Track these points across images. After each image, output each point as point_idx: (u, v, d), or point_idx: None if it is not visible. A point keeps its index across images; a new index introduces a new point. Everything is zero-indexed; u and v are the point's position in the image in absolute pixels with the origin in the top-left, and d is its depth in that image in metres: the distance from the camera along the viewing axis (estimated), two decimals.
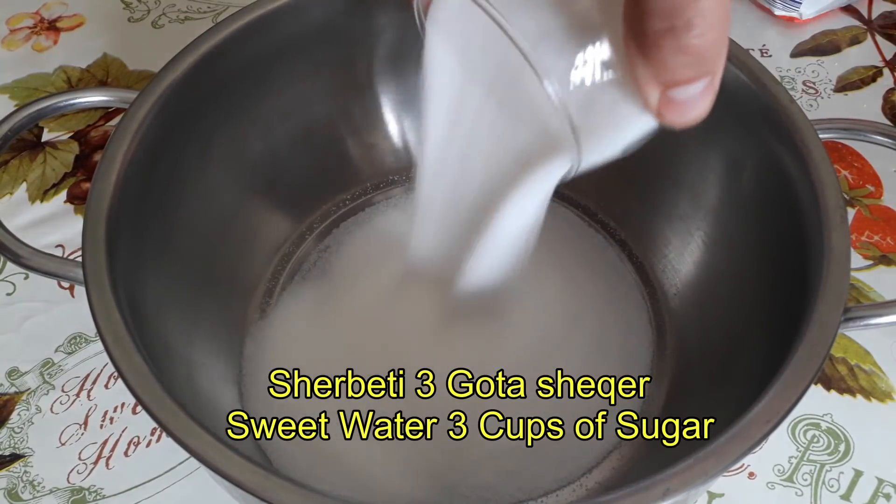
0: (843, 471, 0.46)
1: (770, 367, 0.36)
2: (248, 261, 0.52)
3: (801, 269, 0.39)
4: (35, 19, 0.70)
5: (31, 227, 0.57)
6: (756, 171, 0.45)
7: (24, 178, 0.60)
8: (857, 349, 0.51)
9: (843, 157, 0.58)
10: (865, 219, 0.56)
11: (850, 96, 0.63)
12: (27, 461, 0.48)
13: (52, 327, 0.53)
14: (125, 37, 0.68)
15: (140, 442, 0.48)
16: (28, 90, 0.65)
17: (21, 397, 0.50)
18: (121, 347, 0.35)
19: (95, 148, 0.61)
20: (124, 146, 0.41)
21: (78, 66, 0.66)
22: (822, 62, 0.65)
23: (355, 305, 0.48)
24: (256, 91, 0.49)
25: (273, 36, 0.48)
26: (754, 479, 0.46)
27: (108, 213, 0.39)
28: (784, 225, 0.42)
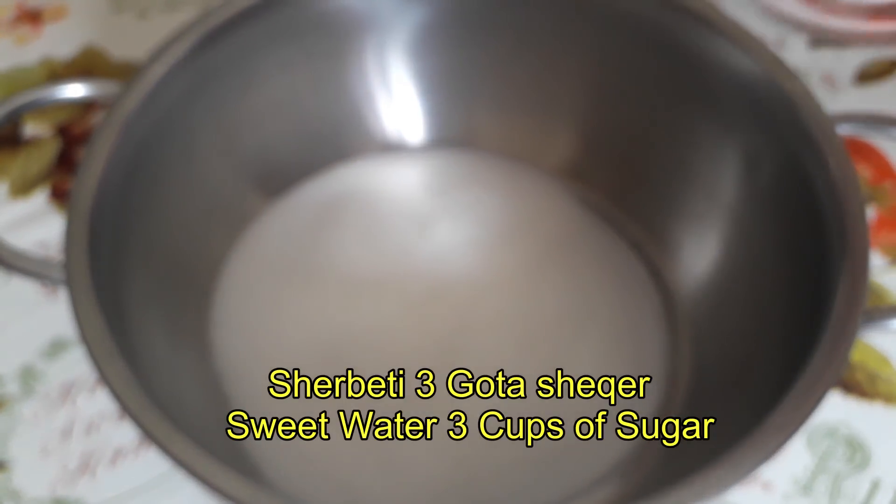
0: (861, 480, 0.46)
1: (788, 372, 0.36)
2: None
3: (820, 268, 0.39)
4: (16, 11, 0.69)
5: (12, 225, 0.56)
6: (773, 167, 0.44)
7: (4, 175, 0.58)
8: (876, 354, 0.50)
9: (863, 152, 0.57)
10: (886, 218, 0.55)
11: (870, 89, 0.62)
12: (8, 471, 0.47)
13: (33, 331, 0.51)
14: (110, 27, 0.67)
15: (126, 451, 0.47)
16: (10, 83, 0.64)
17: (2, 406, 0.49)
18: (103, 352, 0.35)
19: (79, 143, 0.60)
20: (109, 141, 0.41)
21: (61, 57, 0.65)
22: (842, 54, 0.64)
23: (347, 306, 0.48)
24: (247, 83, 0.49)
25: (264, 25, 0.47)
26: (768, 489, 0.45)
27: (91, 211, 0.39)
28: (802, 223, 0.41)
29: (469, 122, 0.55)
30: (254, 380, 0.46)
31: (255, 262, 0.50)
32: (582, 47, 0.51)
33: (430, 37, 0.52)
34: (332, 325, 0.47)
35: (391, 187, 0.53)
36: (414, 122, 0.55)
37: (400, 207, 0.52)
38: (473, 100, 0.54)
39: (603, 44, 0.50)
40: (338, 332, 0.47)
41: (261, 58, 0.49)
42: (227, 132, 0.49)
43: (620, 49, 0.50)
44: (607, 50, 0.50)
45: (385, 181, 0.53)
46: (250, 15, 0.46)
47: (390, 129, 0.55)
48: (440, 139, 0.55)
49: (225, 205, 0.50)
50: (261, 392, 0.45)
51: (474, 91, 0.54)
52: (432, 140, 0.55)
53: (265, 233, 0.51)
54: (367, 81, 0.53)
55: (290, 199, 0.53)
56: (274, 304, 0.48)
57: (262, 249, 0.50)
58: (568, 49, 0.51)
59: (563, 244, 0.51)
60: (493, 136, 0.55)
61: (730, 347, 0.46)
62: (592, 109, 0.53)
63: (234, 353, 0.47)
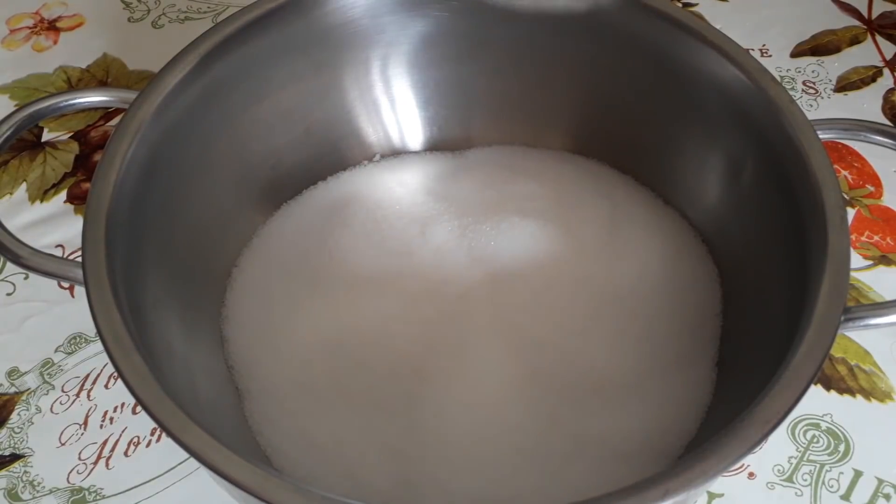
0: (842, 471, 0.46)
1: (772, 366, 0.36)
2: None
3: (802, 269, 0.39)
4: (35, 19, 0.70)
5: (31, 227, 0.57)
6: (756, 171, 0.45)
7: (24, 178, 0.60)
8: (857, 349, 0.50)
9: (843, 157, 0.58)
10: (865, 219, 0.56)
11: (850, 96, 0.63)
12: (27, 461, 0.48)
13: (51, 327, 0.53)
14: (125, 37, 0.68)
15: (140, 442, 0.48)
16: (28, 90, 0.65)
17: (21, 397, 0.50)
18: (120, 347, 0.35)
19: (95, 148, 0.61)
20: (124, 146, 0.41)
21: (78, 66, 0.66)
22: (822, 62, 0.65)
23: (354, 303, 0.48)
24: (256, 91, 0.49)
25: (273, 37, 0.48)
26: (754, 479, 0.46)
27: (107, 213, 0.39)
28: (784, 225, 0.42)
29: (466, 129, 0.56)
30: (265, 373, 0.46)
31: (266, 262, 0.50)
32: (573, 59, 0.51)
33: (431, 50, 0.52)
34: (340, 321, 0.48)
35: (393, 191, 0.54)
36: (415, 130, 0.56)
37: (402, 210, 0.52)
38: (471, 109, 0.55)
39: (593, 55, 0.51)
40: (344, 328, 0.47)
41: (270, 68, 0.49)
42: (238, 139, 0.49)
43: (610, 60, 0.50)
44: (597, 61, 0.51)
45: (387, 185, 0.54)
46: (260, 27, 0.47)
47: (393, 136, 0.56)
48: (439, 145, 0.56)
49: (237, 207, 0.51)
50: (271, 385, 0.46)
51: (472, 100, 0.54)
52: (432, 146, 0.56)
53: (275, 234, 0.52)
54: (370, 91, 0.54)
55: (299, 203, 0.53)
56: (284, 302, 0.49)
57: (272, 250, 0.51)
58: (559, 61, 0.52)
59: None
60: (488, 142, 0.56)
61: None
62: (582, 116, 0.54)
63: (246, 348, 0.47)
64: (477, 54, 0.52)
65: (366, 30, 0.51)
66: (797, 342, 0.35)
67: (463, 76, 0.53)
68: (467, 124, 0.55)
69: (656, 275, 0.49)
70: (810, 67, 0.65)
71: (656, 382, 0.45)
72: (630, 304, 0.48)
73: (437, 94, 0.54)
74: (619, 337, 0.47)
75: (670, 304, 0.48)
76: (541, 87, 0.53)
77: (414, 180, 0.54)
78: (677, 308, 0.47)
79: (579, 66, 0.51)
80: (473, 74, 0.53)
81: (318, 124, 0.53)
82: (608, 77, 0.51)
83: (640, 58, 0.49)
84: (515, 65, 0.53)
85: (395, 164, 0.55)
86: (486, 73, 0.53)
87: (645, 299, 0.48)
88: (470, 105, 0.55)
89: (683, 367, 0.46)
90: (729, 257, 0.48)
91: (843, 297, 0.36)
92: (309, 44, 0.50)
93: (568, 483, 0.42)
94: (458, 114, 0.55)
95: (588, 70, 0.51)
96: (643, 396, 0.45)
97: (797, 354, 0.35)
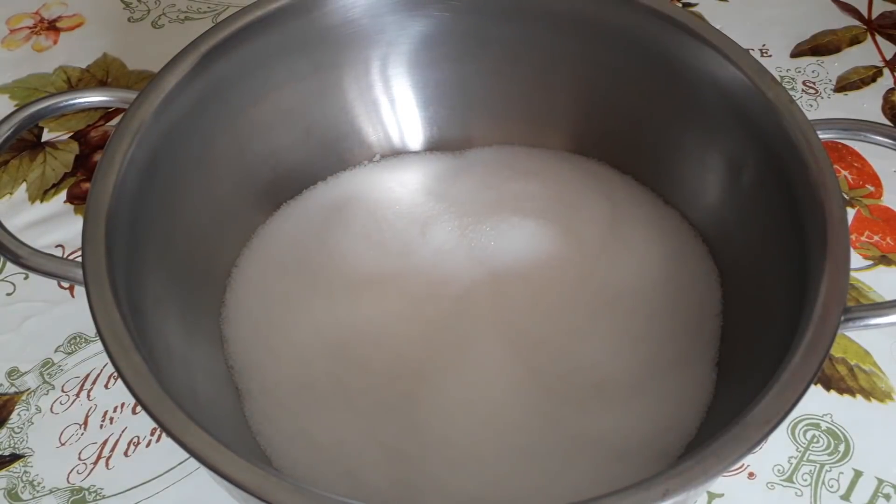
0: (842, 471, 0.46)
1: (773, 364, 0.36)
2: None
3: (801, 269, 0.39)
4: (35, 19, 0.70)
5: (31, 226, 0.57)
6: (756, 171, 0.45)
7: (24, 178, 0.60)
8: (857, 349, 0.50)
9: (843, 157, 0.58)
10: (865, 219, 0.56)
11: (850, 96, 0.63)
12: (27, 461, 0.48)
13: (51, 327, 0.53)
14: (125, 37, 0.68)
15: (140, 442, 0.48)
16: (28, 90, 0.65)
17: (21, 397, 0.50)
18: (120, 347, 0.35)
19: (95, 148, 0.61)
20: (124, 146, 0.41)
21: (78, 66, 0.66)
22: (822, 62, 0.65)
23: (353, 303, 0.48)
24: (256, 91, 0.49)
25: (273, 37, 0.48)
26: (754, 479, 0.46)
27: (107, 213, 0.39)
28: (784, 225, 0.42)
29: (466, 129, 0.56)
30: (265, 373, 0.46)
31: (266, 262, 0.51)
32: (572, 59, 0.51)
33: (431, 50, 0.52)
34: (339, 321, 0.48)
35: (393, 191, 0.54)
36: (415, 130, 0.56)
37: (402, 210, 0.52)
38: (471, 109, 0.55)
39: (593, 55, 0.51)
40: (344, 328, 0.47)
41: (270, 68, 0.49)
42: (238, 139, 0.50)
43: (609, 60, 0.50)
44: (596, 61, 0.51)
45: (387, 186, 0.54)
46: (260, 27, 0.47)
47: (393, 136, 0.56)
48: (439, 145, 0.56)
49: (237, 207, 0.51)
50: (271, 385, 0.46)
51: (472, 100, 0.55)
52: (432, 146, 0.56)
53: (275, 234, 0.52)
54: (370, 91, 0.54)
55: (299, 203, 0.53)
56: (283, 302, 0.49)
57: (272, 250, 0.51)
58: (559, 61, 0.52)
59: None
60: (488, 142, 0.56)
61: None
62: (582, 116, 0.54)
63: (246, 348, 0.47)
64: (477, 54, 0.52)
65: (366, 30, 0.51)
66: (797, 342, 0.35)
67: (463, 76, 0.54)
68: (467, 124, 0.55)
69: (656, 275, 0.49)
70: (810, 67, 0.65)
71: (656, 382, 0.45)
72: (630, 303, 0.48)
73: (437, 94, 0.54)
74: (620, 337, 0.47)
75: (670, 304, 0.48)
76: (541, 87, 0.53)
77: (414, 180, 0.54)
78: (677, 308, 0.48)
79: (579, 67, 0.52)
80: (473, 74, 0.53)
81: (318, 124, 0.53)
82: (608, 77, 0.51)
83: (640, 58, 0.49)
84: (515, 65, 0.53)
85: (395, 165, 0.55)
86: (487, 73, 0.53)
87: (645, 299, 0.48)
88: (470, 105, 0.55)
89: (683, 367, 0.46)
90: (729, 257, 0.48)
91: (843, 298, 0.36)
92: (309, 44, 0.50)
93: (568, 483, 0.42)
94: (458, 114, 0.55)
95: (588, 70, 0.52)
96: (643, 396, 0.45)
97: (797, 354, 0.35)
